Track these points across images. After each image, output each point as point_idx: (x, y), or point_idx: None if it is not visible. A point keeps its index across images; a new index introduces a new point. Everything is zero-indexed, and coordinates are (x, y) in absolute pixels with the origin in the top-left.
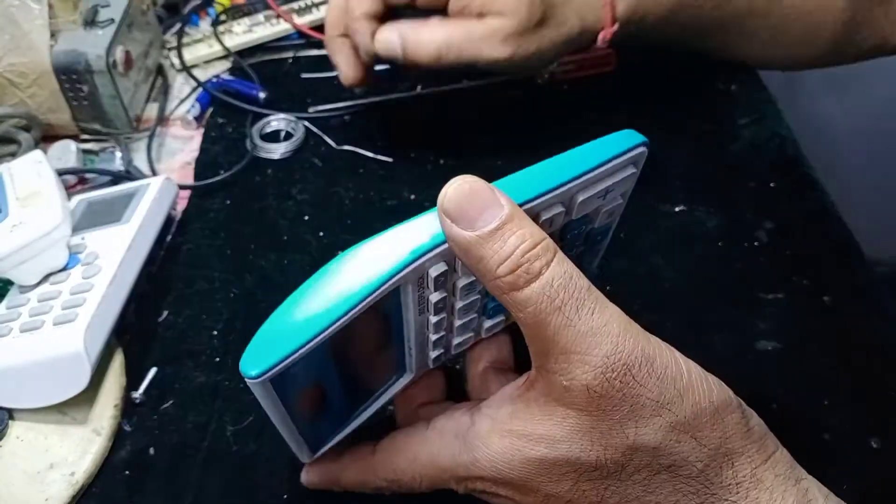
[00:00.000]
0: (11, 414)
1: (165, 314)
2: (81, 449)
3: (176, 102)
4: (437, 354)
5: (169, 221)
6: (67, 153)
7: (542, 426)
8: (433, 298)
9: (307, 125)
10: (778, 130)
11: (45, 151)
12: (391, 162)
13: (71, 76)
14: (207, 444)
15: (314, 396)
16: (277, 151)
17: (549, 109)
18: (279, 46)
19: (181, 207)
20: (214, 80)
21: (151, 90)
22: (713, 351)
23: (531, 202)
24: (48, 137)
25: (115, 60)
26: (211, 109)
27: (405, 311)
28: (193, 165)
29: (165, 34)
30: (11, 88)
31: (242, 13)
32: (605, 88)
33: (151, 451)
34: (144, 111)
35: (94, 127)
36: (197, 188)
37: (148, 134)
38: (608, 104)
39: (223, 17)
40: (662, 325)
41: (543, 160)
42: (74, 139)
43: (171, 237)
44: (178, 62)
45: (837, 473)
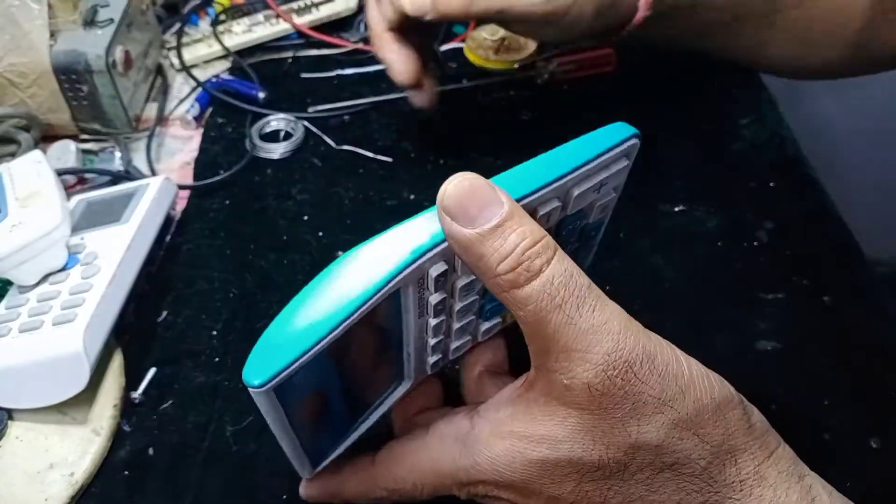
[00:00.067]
0: (11, 414)
1: (165, 314)
2: (81, 449)
3: (175, 102)
4: (435, 360)
5: (168, 221)
6: (67, 153)
7: (543, 427)
8: (433, 300)
9: (307, 125)
10: (778, 130)
11: (44, 151)
12: (391, 162)
13: (70, 76)
14: (207, 444)
15: (316, 407)
16: (277, 151)
17: (549, 109)
18: (279, 46)
19: (181, 207)
20: (214, 79)
21: (151, 90)
22: (713, 351)
23: (529, 197)
24: (48, 137)
25: (114, 60)
26: (210, 109)
27: (405, 313)
28: (193, 165)
29: (165, 34)
30: (11, 88)
31: (242, 13)
32: (605, 88)
33: (151, 451)
34: (144, 111)
35: (93, 127)
36: (196, 188)
37: (147, 134)
38: (608, 104)
39: (223, 16)
40: (662, 324)
41: (538, 155)
42: (74, 139)
43: (170, 237)
44: (177, 62)
45: (837, 473)
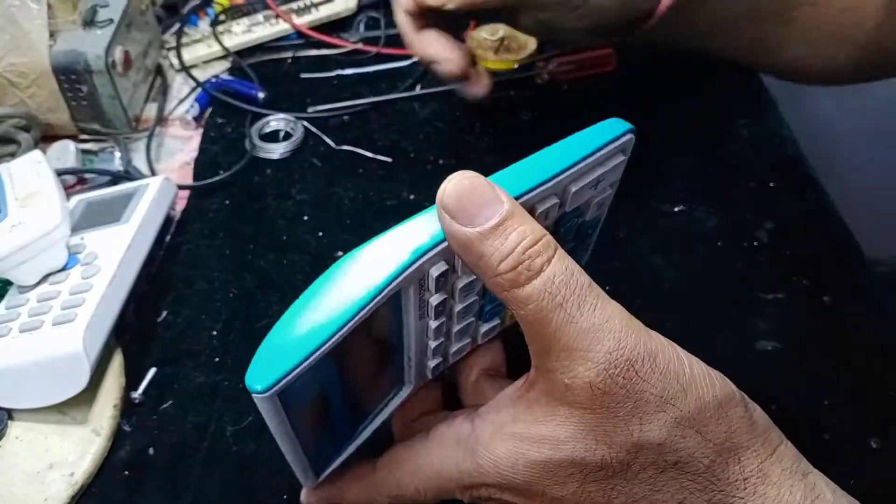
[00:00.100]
0: (11, 414)
1: (165, 314)
2: (81, 449)
3: (175, 102)
4: (435, 363)
5: (168, 221)
6: (67, 153)
7: (545, 427)
8: (433, 301)
9: (306, 125)
10: (778, 130)
11: (44, 151)
12: (391, 162)
13: (70, 76)
14: (207, 444)
15: (318, 413)
16: (277, 151)
17: (549, 109)
18: (278, 46)
19: (180, 207)
20: (213, 80)
21: (150, 90)
22: (713, 351)
23: (527, 194)
24: (47, 137)
25: (114, 60)
26: (210, 109)
27: (405, 316)
28: (192, 165)
29: (164, 34)
30: (11, 88)
31: (241, 13)
32: (605, 88)
33: (151, 451)
34: (143, 111)
35: (93, 127)
36: (196, 188)
37: (147, 134)
38: (608, 104)
39: (222, 17)
40: (662, 324)
41: (535, 153)
42: (73, 139)
43: (170, 237)
44: (177, 62)
45: (837, 473)
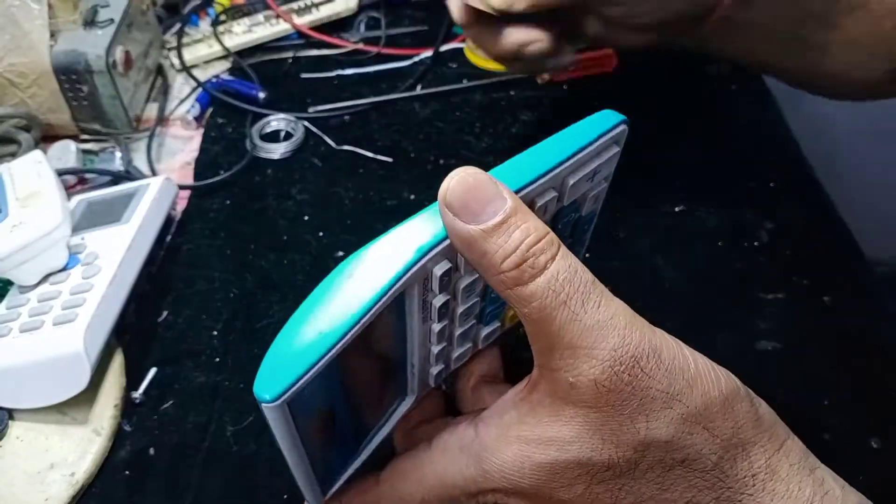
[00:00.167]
0: (11, 414)
1: (165, 314)
2: (81, 449)
3: (176, 102)
4: (438, 370)
5: (169, 221)
6: (67, 153)
7: (550, 428)
8: (436, 303)
9: (307, 125)
10: (778, 130)
11: (44, 151)
12: (391, 162)
13: (71, 76)
14: (207, 444)
15: (325, 425)
16: (277, 151)
17: (549, 109)
18: (279, 46)
19: (181, 207)
20: (214, 80)
21: (151, 90)
22: (713, 351)
23: (527, 188)
24: (48, 137)
25: (114, 60)
26: (211, 109)
27: (409, 319)
28: (193, 165)
29: (165, 34)
30: (11, 88)
31: (242, 13)
32: (605, 88)
33: (151, 451)
34: (144, 111)
35: (93, 127)
36: (197, 188)
37: (148, 134)
38: (608, 104)
39: (223, 17)
40: (662, 325)
41: (531, 147)
42: (74, 139)
43: (170, 237)
44: (177, 62)
45: (838, 473)
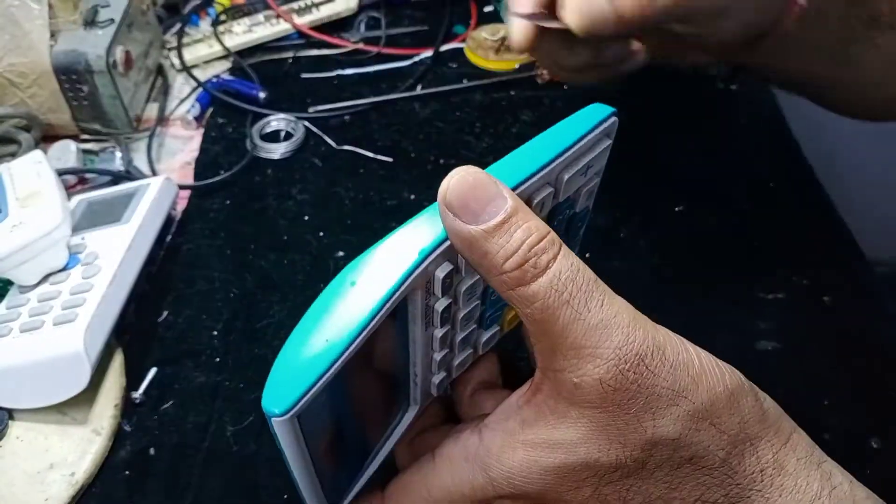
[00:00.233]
0: (11, 414)
1: (165, 314)
2: (81, 449)
3: (176, 102)
4: (440, 378)
5: (169, 221)
6: (67, 153)
7: (556, 431)
8: (439, 307)
9: (307, 125)
10: (778, 130)
11: (45, 151)
12: (391, 162)
13: (71, 76)
14: (207, 444)
15: (332, 440)
16: (277, 151)
17: (549, 109)
18: (279, 46)
19: (181, 207)
20: (214, 80)
21: (151, 90)
22: (713, 351)
23: (524, 184)
24: (48, 137)
25: (115, 60)
26: (211, 109)
27: (412, 325)
28: (193, 165)
29: (165, 34)
30: (11, 88)
31: (242, 13)
32: (605, 88)
33: (151, 451)
34: (144, 111)
35: (94, 127)
36: (197, 188)
37: (148, 134)
38: (608, 104)
39: (223, 17)
40: (662, 325)
41: (524, 143)
42: (74, 139)
43: (171, 237)
44: (178, 62)
45: None
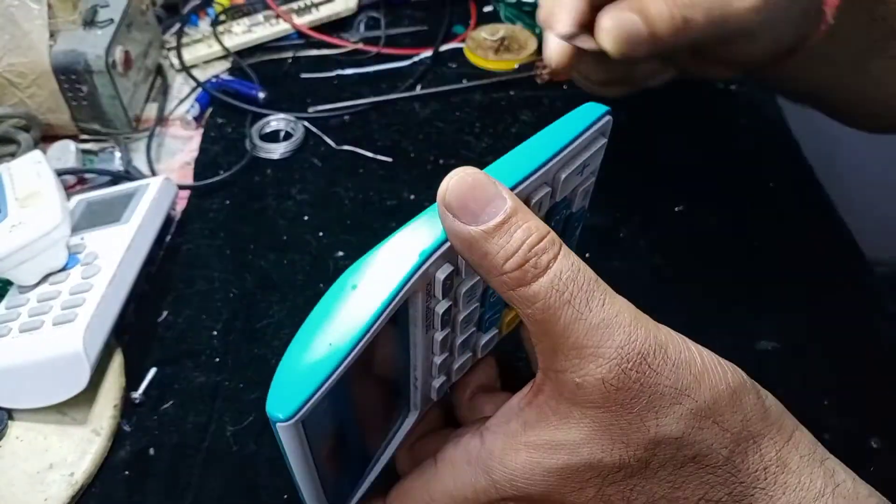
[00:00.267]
0: (11, 414)
1: (165, 314)
2: (81, 449)
3: (175, 102)
4: (440, 383)
5: (168, 221)
6: (67, 153)
7: (558, 432)
8: (439, 309)
9: (307, 125)
10: (778, 130)
11: (44, 151)
12: (391, 162)
13: (70, 76)
14: (207, 444)
15: (334, 446)
16: (277, 151)
17: (549, 109)
18: (279, 46)
19: (181, 207)
20: (214, 80)
21: (151, 90)
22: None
23: (523, 183)
24: (47, 137)
25: (114, 60)
26: (210, 109)
27: (413, 328)
28: (193, 165)
29: (165, 34)
30: (11, 88)
31: (242, 13)
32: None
33: (151, 451)
34: (144, 111)
35: (93, 127)
36: (196, 188)
37: (147, 134)
38: (608, 104)
39: (222, 17)
40: (662, 324)
41: (521, 144)
42: (74, 139)
43: (170, 237)
44: (177, 62)
45: None
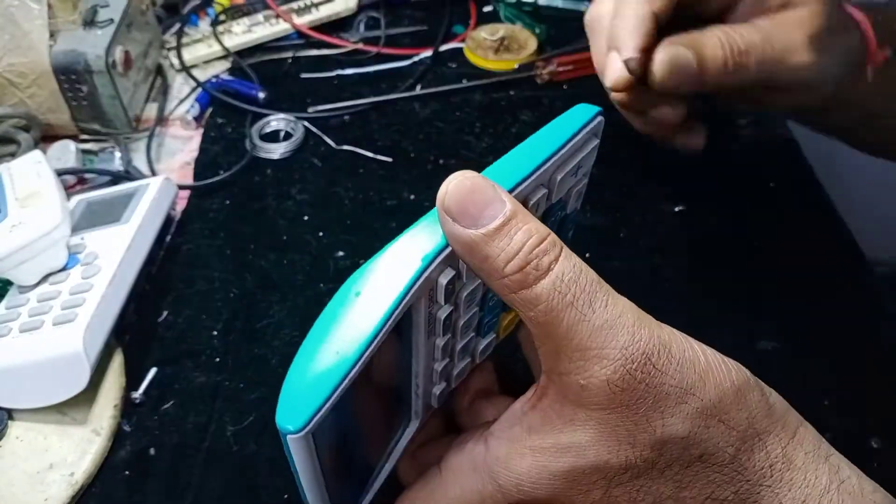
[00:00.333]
0: (11, 414)
1: (165, 314)
2: (81, 449)
3: (175, 102)
4: (440, 389)
5: (168, 221)
6: (67, 153)
7: (564, 435)
8: (441, 315)
9: (307, 125)
10: (778, 130)
11: (44, 151)
12: (391, 162)
13: (70, 76)
14: (207, 444)
15: (340, 456)
16: (277, 151)
17: (549, 109)
18: (279, 46)
19: (181, 207)
20: (214, 80)
21: (151, 90)
22: None
23: (520, 185)
24: (47, 137)
25: (114, 60)
26: (210, 109)
27: (415, 335)
28: (193, 165)
29: (165, 34)
30: (11, 88)
31: (242, 13)
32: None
33: (151, 451)
34: (144, 111)
35: (93, 127)
36: (196, 188)
37: (147, 134)
38: (607, 104)
39: (222, 17)
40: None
41: (516, 146)
42: (74, 139)
43: (170, 237)
44: (177, 62)
45: None
